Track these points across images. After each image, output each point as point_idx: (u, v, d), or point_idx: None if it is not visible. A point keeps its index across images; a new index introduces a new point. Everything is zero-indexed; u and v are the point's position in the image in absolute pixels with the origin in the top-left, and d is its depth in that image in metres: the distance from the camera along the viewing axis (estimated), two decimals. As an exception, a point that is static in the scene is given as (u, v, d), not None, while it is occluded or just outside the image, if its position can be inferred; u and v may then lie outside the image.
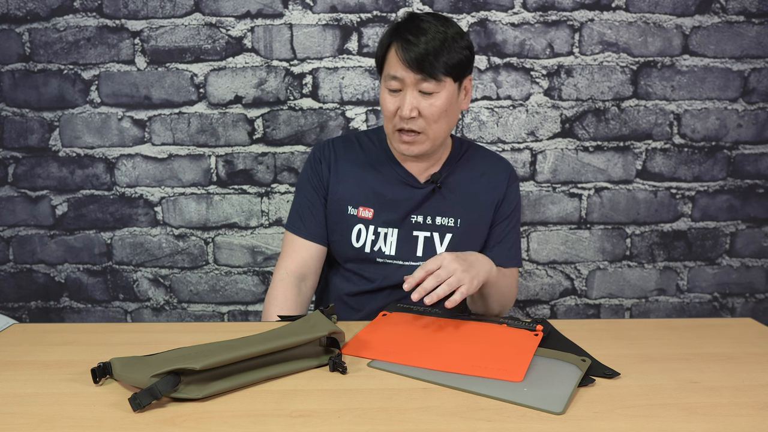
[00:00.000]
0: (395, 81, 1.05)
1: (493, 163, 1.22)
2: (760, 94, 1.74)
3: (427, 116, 1.05)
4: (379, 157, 1.18)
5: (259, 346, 0.80)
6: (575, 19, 1.69)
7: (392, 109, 1.06)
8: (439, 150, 1.16)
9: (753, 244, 1.83)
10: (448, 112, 1.06)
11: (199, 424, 0.70)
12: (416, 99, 1.04)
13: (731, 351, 0.93)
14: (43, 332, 1.01)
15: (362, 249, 1.15)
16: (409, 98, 1.03)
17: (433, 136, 1.08)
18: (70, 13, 1.67)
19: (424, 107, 1.04)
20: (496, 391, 0.77)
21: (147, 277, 1.82)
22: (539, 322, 0.96)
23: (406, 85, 1.04)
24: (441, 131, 1.08)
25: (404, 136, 1.07)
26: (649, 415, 0.73)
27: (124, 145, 1.74)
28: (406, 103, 1.03)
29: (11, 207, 1.78)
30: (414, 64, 1.01)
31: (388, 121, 1.09)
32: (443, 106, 1.05)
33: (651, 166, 1.78)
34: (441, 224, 1.15)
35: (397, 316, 1.04)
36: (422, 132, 1.06)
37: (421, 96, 1.04)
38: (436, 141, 1.09)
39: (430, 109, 1.04)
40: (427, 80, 1.02)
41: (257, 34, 1.69)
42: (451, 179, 1.17)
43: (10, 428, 0.70)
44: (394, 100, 1.06)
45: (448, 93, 1.05)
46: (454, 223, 1.16)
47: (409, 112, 1.03)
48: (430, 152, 1.12)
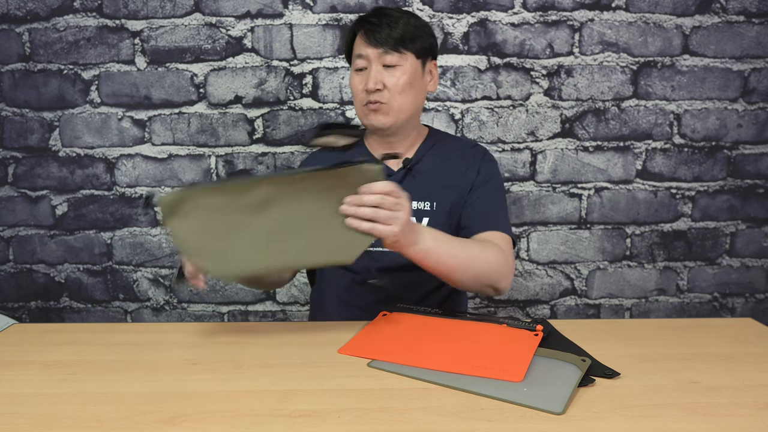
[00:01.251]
0: (360, 59, 1.12)
1: (468, 147, 1.23)
2: (760, 94, 1.74)
3: (392, 88, 1.10)
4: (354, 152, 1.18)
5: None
6: (575, 19, 1.69)
7: (360, 87, 1.13)
8: (411, 134, 1.19)
9: (753, 244, 1.83)
10: (412, 86, 1.12)
11: (199, 424, 0.70)
12: (380, 73, 1.10)
13: (731, 351, 0.93)
14: (43, 332, 1.01)
15: None
16: (374, 72, 1.10)
17: (398, 108, 1.12)
18: (70, 13, 1.67)
19: (388, 80, 1.10)
20: (496, 391, 0.77)
21: (147, 277, 1.82)
22: (539, 322, 0.96)
23: (371, 61, 1.11)
24: (406, 105, 1.13)
25: (371, 106, 1.12)
26: (649, 415, 0.73)
27: (124, 145, 1.74)
28: (371, 77, 1.10)
29: (11, 207, 1.78)
30: (374, 39, 1.09)
31: (356, 100, 1.15)
32: (407, 80, 1.11)
33: (651, 166, 1.78)
34: (417, 208, 1.16)
35: (397, 316, 1.04)
36: (387, 103, 1.11)
37: (385, 70, 1.10)
38: (400, 114, 1.13)
39: (394, 82, 1.10)
40: (389, 53, 1.09)
41: (257, 34, 1.69)
42: (423, 164, 1.19)
43: (10, 428, 0.70)
44: (360, 79, 1.13)
45: (411, 68, 1.11)
46: (430, 207, 1.16)
47: (374, 84, 1.09)
48: (397, 127, 1.15)
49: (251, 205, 0.84)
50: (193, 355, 0.90)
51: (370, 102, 1.11)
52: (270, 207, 0.84)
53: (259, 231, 0.84)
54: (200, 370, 0.85)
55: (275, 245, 0.85)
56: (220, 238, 0.84)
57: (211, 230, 0.84)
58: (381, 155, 1.10)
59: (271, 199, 0.84)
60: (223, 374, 0.84)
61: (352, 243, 0.86)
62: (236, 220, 0.84)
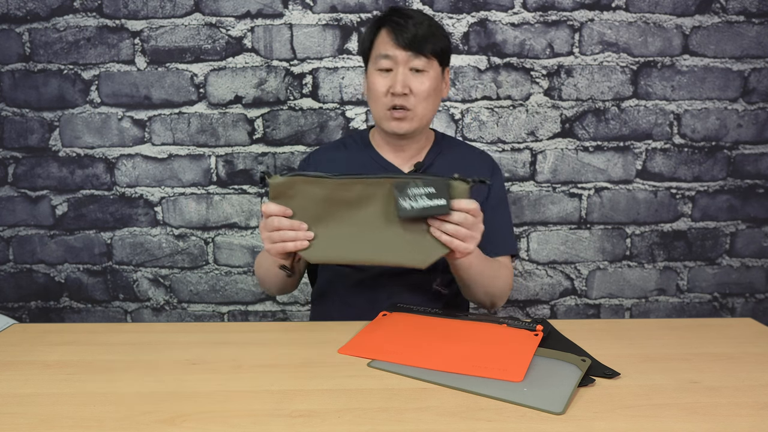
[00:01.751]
0: (386, 60, 1.09)
1: (476, 155, 1.25)
2: (760, 94, 1.74)
3: (418, 94, 1.09)
4: (363, 152, 1.21)
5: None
6: (575, 19, 1.69)
7: (383, 89, 1.09)
8: (422, 139, 1.19)
9: (753, 244, 1.83)
10: (435, 92, 1.11)
11: (199, 424, 0.70)
12: (407, 77, 1.08)
13: (731, 351, 0.93)
14: (43, 332, 1.01)
15: None
16: (401, 76, 1.08)
17: (421, 115, 1.11)
18: (70, 13, 1.67)
19: (415, 85, 1.08)
20: (496, 391, 0.77)
21: (147, 277, 1.82)
22: (539, 322, 0.96)
23: (398, 64, 1.08)
24: (427, 111, 1.12)
25: (396, 113, 1.10)
26: (649, 415, 0.73)
27: (124, 145, 1.74)
28: (398, 80, 1.07)
29: (11, 207, 1.78)
30: (405, 42, 1.06)
31: (377, 102, 1.11)
32: (432, 86, 1.10)
33: (651, 166, 1.78)
34: None
35: (397, 316, 1.04)
36: (412, 109, 1.10)
37: (411, 75, 1.08)
38: (422, 121, 1.12)
39: (420, 87, 1.08)
40: (418, 57, 1.07)
41: (257, 34, 1.69)
42: (434, 168, 1.19)
43: (10, 428, 0.70)
44: (384, 81, 1.09)
45: (435, 74, 1.10)
46: None
47: (402, 88, 1.07)
48: (415, 134, 1.15)
49: (348, 200, 0.93)
50: (193, 355, 0.90)
51: (395, 107, 1.09)
52: (364, 204, 0.93)
53: (351, 224, 0.93)
54: (200, 370, 0.85)
55: (363, 238, 0.93)
56: (317, 224, 0.93)
57: (310, 216, 0.93)
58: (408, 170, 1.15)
59: (366, 198, 0.93)
60: (223, 374, 0.84)
61: (429, 250, 0.92)
62: (333, 211, 0.93)
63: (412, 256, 0.92)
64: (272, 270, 1.10)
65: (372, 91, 1.12)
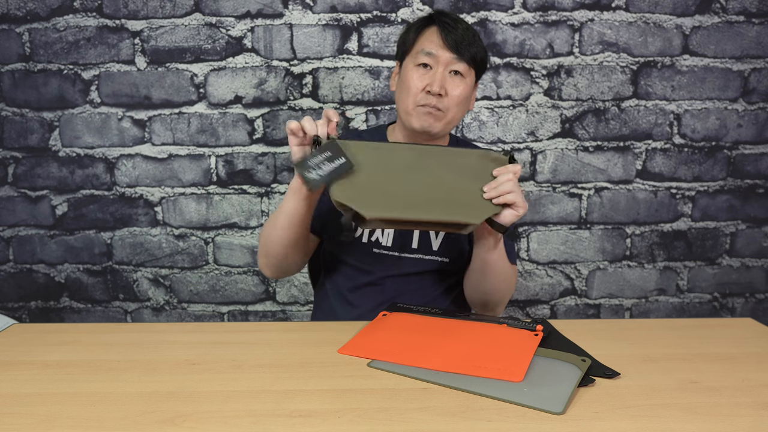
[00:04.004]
0: (428, 57, 1.08)
1: None
2: (760, 94, 1.74)
3: (453, 97, 1.09)
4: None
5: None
6: (575, 19, 1.69)
7: (419, 85, 1.09)
8: (441, 142, 1.18)
9: (753, 244, 1.83)
10: (466, 100, 1.12)
11: (199, 424, 0.70)
12: (445, 79, 1.08)
13: (731, 351, 0.93)
14: (43, 332, 1.01)
15: (360, 238, 1.15)
16: (440, 76, 1.07)
17: (451, 118, 1.11)
18: (70, 13, 1.67)
19: (450, 87, 1.08)
20: (496, 391, 0.77)
21: (147, 277, 1.82)
22: (539, 322, 0.96)
23: (439, 63, 1.08)
24: (456, 117, 1.12)
25: (429, 108, 1.09)
26: (649, 415, 0.73)
27: (124, 145, 1.74)
28: (437, 80, 1.07)
29: (11, 207, 1.78)
30: (452, 44, 1.07)
31: (409, 97, 1.10)
32: (466, 92, 1.10)
33: (651, 166, 1.78)
34: None
35: (397, 316, 1.04)
36: (444, 111, 1.10)
37: (449, 77, 1.09)
38: (450, 125, 1.12)
39: (455, 90, 1.09)
40: (460, 61, 1.08)
41: (257, 34, 1.69)
42: None
43: (10, 428, 0.70)
44: (421, 77, 1.09)
45: (470, 81, 1.11)
46: None
47: (439, 88, 1.07)
48: (438, 135, 1.14)
49: (404, 162, 0.97)
50: (193, 355, 0.90)
51: (429, 105, 1.09)
52: (419, 167, 0.97)
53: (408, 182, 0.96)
54: (200, 370, 0.85)
55: (419, 196, 0.95)
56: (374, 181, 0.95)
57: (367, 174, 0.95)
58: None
59: (420, 162, 0.97)
60: (223, 374, 0.84)
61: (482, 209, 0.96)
62: (389, 171, 0.96)
63: (468, 213, 0.96)
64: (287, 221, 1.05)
65: (406, 84, 1.10)
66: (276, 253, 1.12)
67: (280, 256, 1.12)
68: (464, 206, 0.96)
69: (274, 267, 1.15)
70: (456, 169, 0.97)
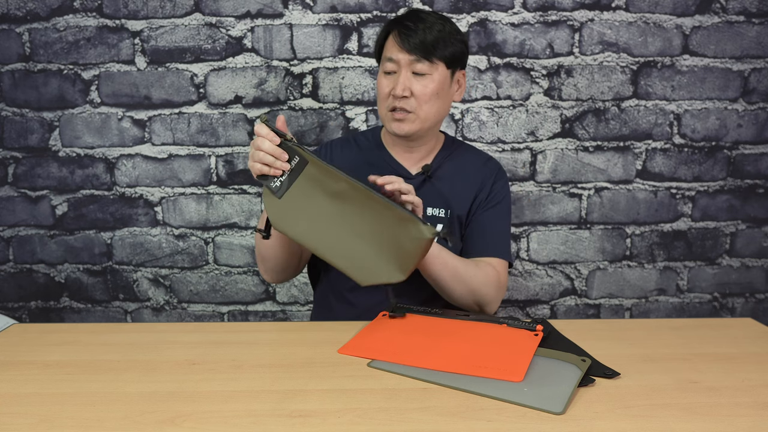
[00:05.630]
0: (390, 63, 1.11)
1: (484, 160, 1.26)
2: (760, 94, 1.74)
3: (419, 96, 1.10)
4: (373, 151, 1.22)
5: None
6: (575, 19, 1.69)
7: (386, 91, 1.12)
8: (431, 141, 1.20)
9: (753, 244, 1.83)
10: (439, 95, 1.12)
11: (199, 424, 0.70)
12: (409, 80, 1.10)
13: (731, 351, 0.93)
14: (43, 332, 1.01)
15: None
16: (403, 78, 1.09)
17: (423, 117, 1.12)
18: (70, 13, 1.67)
19: (416, 88, 1.10)
20: (496, 391, 0.77)
21: (147, 277, 1.82)
22: (539, 322, 0.96)
23: (401, 66, 1.10)
24: (431, 114, 1.13)
25: (396, 114, 1.11)
26: (649, 415, 0.73)
27: (124, 145, 1.74)
28: (399, 83, 1.09)
29: (11, 207, 1.78)
30: (408, 45, 1.08)
31: (382, 104, 1.14)
32: (435, 89, 1.10)
33: (651, 166, 1.78)
34: (432, 215, 1.17)
35: (397, 317, 1.04)
36: (413, 112, 1.11)
37: (414, 77, 1.10)
38: (425, 123, 1.13)
39: (422, 90, 1.10)
40: (420, 61, 1.08)
41: (257, 34, 1.69)
42: (441, 171, 1.20)
43: (10, 428, 0.70)
44: (388, 82, 1.12)
45: (440, 77, 1.11)
46: (445, 214, 1.18)
47: (402, 90, 1.09)
48: (419, 135, 1.15)
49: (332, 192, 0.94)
50: (193, 355, 0.90)
51: (395, 108, 1.11)
52: (343, 200, 0.94)
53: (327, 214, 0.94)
54: (200, 370, 0.85)
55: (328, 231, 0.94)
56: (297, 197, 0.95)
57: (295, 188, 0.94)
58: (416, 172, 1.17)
59: (346, 195, 0.94)
60: (223, 374, 0.84)
61: (378, 272, 0.93)
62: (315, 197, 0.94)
63: (359, 270, 0.94)
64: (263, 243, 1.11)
65: (378, 92, 1.15)
66: (272, 261, 1.15)
67: (277, 265, 1.16)
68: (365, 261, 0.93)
69: (272, 272, 1.18)
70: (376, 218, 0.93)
